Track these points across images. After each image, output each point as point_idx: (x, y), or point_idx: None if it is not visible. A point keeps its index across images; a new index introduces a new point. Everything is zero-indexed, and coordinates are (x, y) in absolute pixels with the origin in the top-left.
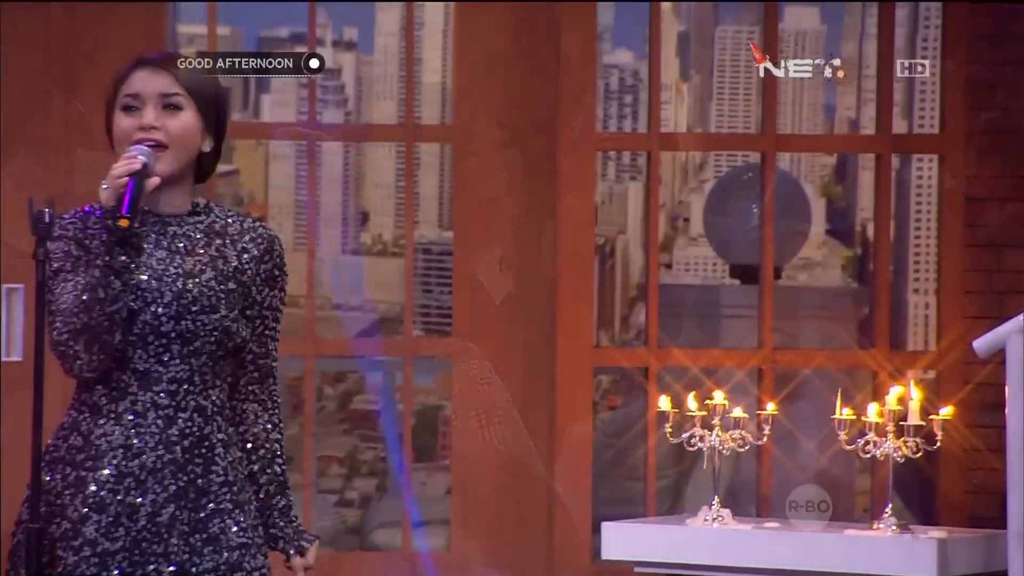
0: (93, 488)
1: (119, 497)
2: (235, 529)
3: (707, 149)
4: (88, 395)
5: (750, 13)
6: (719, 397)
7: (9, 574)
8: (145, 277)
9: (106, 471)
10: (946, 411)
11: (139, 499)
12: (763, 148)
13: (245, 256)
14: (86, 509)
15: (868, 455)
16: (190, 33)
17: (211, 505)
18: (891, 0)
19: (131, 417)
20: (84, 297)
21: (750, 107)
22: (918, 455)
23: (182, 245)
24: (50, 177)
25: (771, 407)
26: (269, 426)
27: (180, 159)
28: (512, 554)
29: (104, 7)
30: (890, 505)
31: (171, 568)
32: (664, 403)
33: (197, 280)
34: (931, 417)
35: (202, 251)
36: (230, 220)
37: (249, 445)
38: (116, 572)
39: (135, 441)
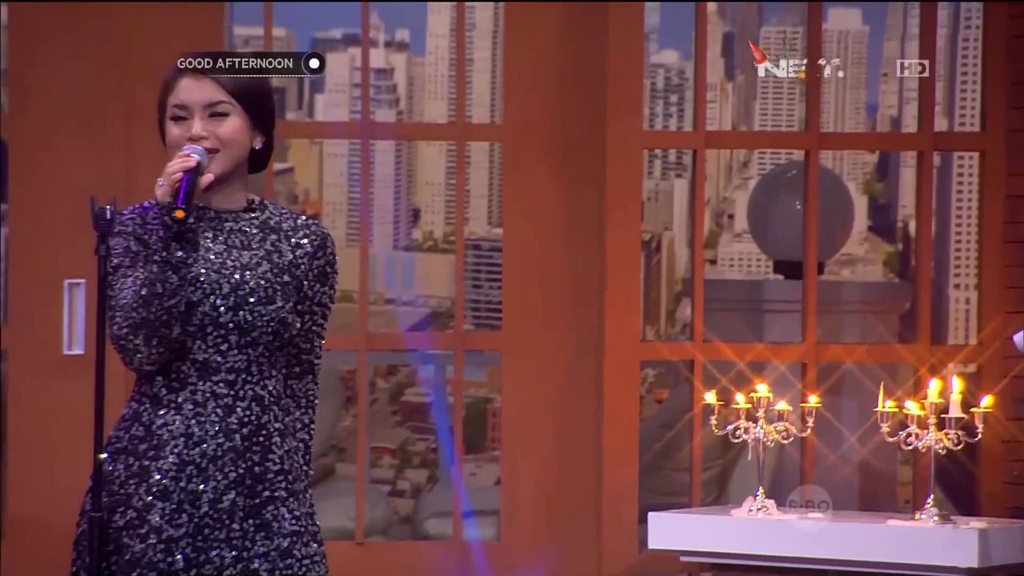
0: (157, 476)
1: (182, 484)
2: (288, 517)
3: (751, 147)
4: (148, 386)
5: (794, 14)
6: (763, 390)
7: (75, 563)
8: (203, 270)
9: (169, 459)
10: (986, 403)
11: (201, 486)
12: (807, 146)
13: (299, 251)
14: (150, 497)
15: (910, 447)
16: (246, 35)
17: (266, 493)
18: (933, 0)
19: (191, 407)
20: (143, 292)
21: (794, 106)
22: (959, 447)
23: (238, 240)
24: (111, 176)
25: (814, 400)
26: (299, 425)
27: (231, 160)
28: (560, 544)
29: (162, 9)
30: (932, 496)
31: (232, 553)
32: (709, 396)
33: (254, 272)
34: (972, 410)
35: (257, 246)
36: (284, 216)
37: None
38: (180, 557)
39: (196, 430)
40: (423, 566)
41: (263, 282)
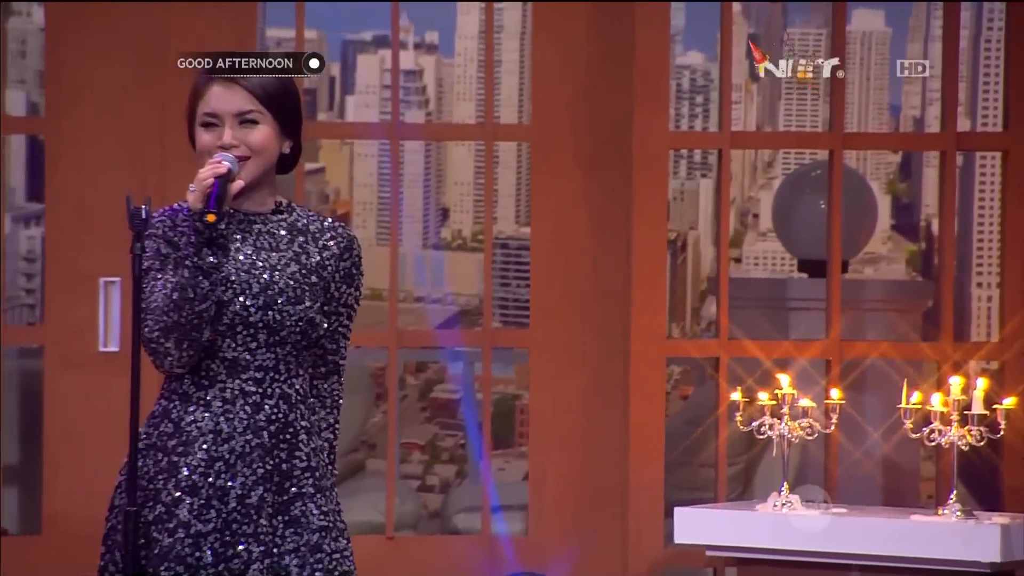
0: (186, 472)
1: (210, 480)
2: (316, 512)
3: (776, 147)
4: (178, 384)
5: (818, 15)
6: (788, 387)
7: (104, 557)
8: (233, 270)
9: (198, 456)
10: (1009, 401)
11: (230, 482)
12: (831, 146)
13: (326, 253)
14: (179, 493)
15: (933, 443)
16: (278, 36)
17: (293, 489)
18: (956, 0)
19: (220, 404)
20: (174, 296)
21: (817, 106)
22: (982, 443)
23: (267, 242)
24: (146, 175)
25: (838, 396)
26: (324, 424)
27: (261, 167)
28: (587, 538)
29: (196, 11)
30: (955, 492)
31: (260, 548)
32: (734, 392)
33: (282, 273)
34: (994, 406)
35: (286, 247)
36: (311, 219)
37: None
38: (208, 552)
39: (224, 427)
40: (452, 560)
41: (292, 282)
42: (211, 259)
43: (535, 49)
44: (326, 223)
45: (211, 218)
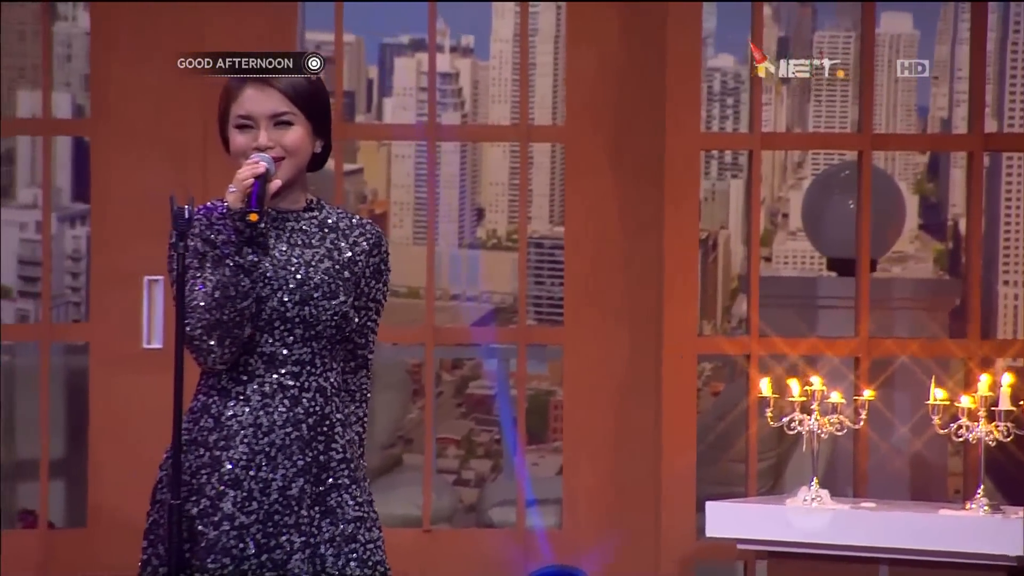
0: (228, 466)
1: (252, 473)
2: (351, 503)
3: (806, 148)
4: (216, 379)
5: (846, 18)
6: (817, 383)
7: (146, 551)
8: (269, 266)
9: (240, 449)
10: None
11: (271, 475)
12: (860, 147)
13: (357, 249)
14: (223, 486)
15: (960, 439)
16: (317, 39)
17: (330, 480)
18: (983, 0)
19: (259, 398)
20: (215, 294)
21: (847, 108)
22: (1009, 439)
23: (300, 238)
24: (188, 175)
25: (867, 393)
26: (354, 418)
27: (296, 167)
28: (620, 531)
29: (236, 13)
30: (982, 487)
31: (301, 539)
32: (765, 388)
33: (316, 269)
34: (1021, 403)
35: (318, 243)
36: (341, 216)
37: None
38: (251, 543)
39: (264, 421)
40: (487, 553)
41: (326, 277)
42: (252, 257)
43: (569, 52)
44: (355, 220)
45: (254, 217)
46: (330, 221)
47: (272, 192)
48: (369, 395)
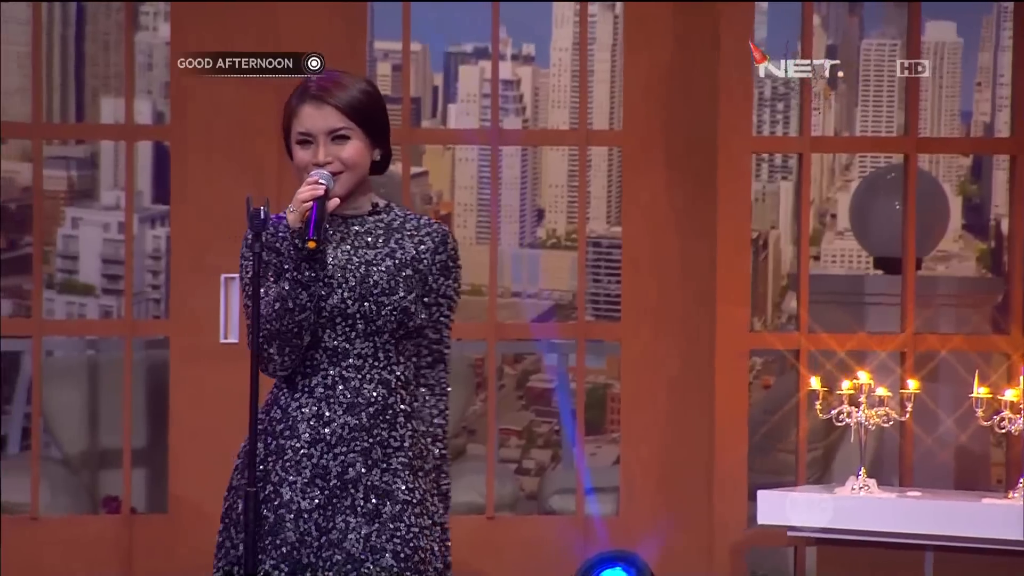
0: (290, 454)
1: (313, 460)
2: (403, 488)
3: (853, 151)
4: (286, 374)
5: (892, 27)
6: (865, 377)
7: (221, 533)
8: (332, 267)
9: (302, 438)
10: None
11: (330, 461)
12: (905, 150)
13: (422, 247)
14: (285, 473)
15: (1003, 431)
16: (386, 48)
17: (384, 465)
18: None
19: (322, 390)
20: (276, 306)
21: (893, 112)
22: None
23: (363, 240)
24: (263, 178)
25: (913, 386)
26: (435, 411)
27: (355, 179)
28: (675, 518)
29: (308, 22)
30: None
31: (355, 519)
32: (814, 382)
33: (377, 267)
34: None
35: (381, 244)
36: (407, 218)
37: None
38: (312, 527)
39: (326, 411)
40: (548, 539)
41: (386, 275)
42: (309, 273)
43: (626, 59)
44: (421, 220)
45: (312, 245)
46: (395, 223)
47: (331, 209)
48: (448, 388)
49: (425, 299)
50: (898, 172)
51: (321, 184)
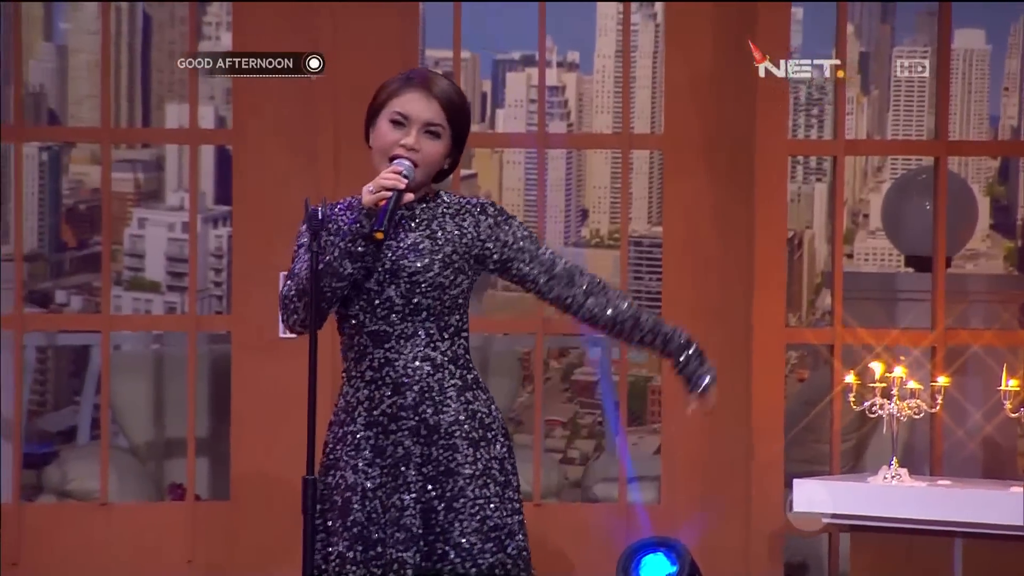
0: (350, 439)
1: (371, 442)
2: (463, 461)
3: (885, 154)
4: (344, 364)
5: (923, 35)
6: (897, 371)
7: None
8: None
9: (358, 422)
10: None
11: (384, 441)
12: (936, 153)
13: (464, 224)
14: (349, 457)
15: None
16: (436, 56)
17: (441, 441)
18: None
19: (371, 373)
20: (319, 266)
21: (923, 117)
22: None
23: (407, 224)
24: (320, 180)
25: (943, 380)
26: (623, 304)
27: (426, 177)
28: (714, 506)
29: (364, 29)
30: None
31: (412, 495)
32: (848, 376)
33: (412, 249)
34: None
35: (423, 228)
36: (452, 202)
37: (615, 325)
38: (377, 503)
39: (376, 394)
40: (592, 526)
41: (420, 255)
42: (360, 249)
43: (667, 66)
44: (464, 201)
45: (379, 235)
46: (439, 209)
47: (405, 202)
48: (602, 281)
49: (501, 257)
50: (928, 174)
51: (404, 178)
